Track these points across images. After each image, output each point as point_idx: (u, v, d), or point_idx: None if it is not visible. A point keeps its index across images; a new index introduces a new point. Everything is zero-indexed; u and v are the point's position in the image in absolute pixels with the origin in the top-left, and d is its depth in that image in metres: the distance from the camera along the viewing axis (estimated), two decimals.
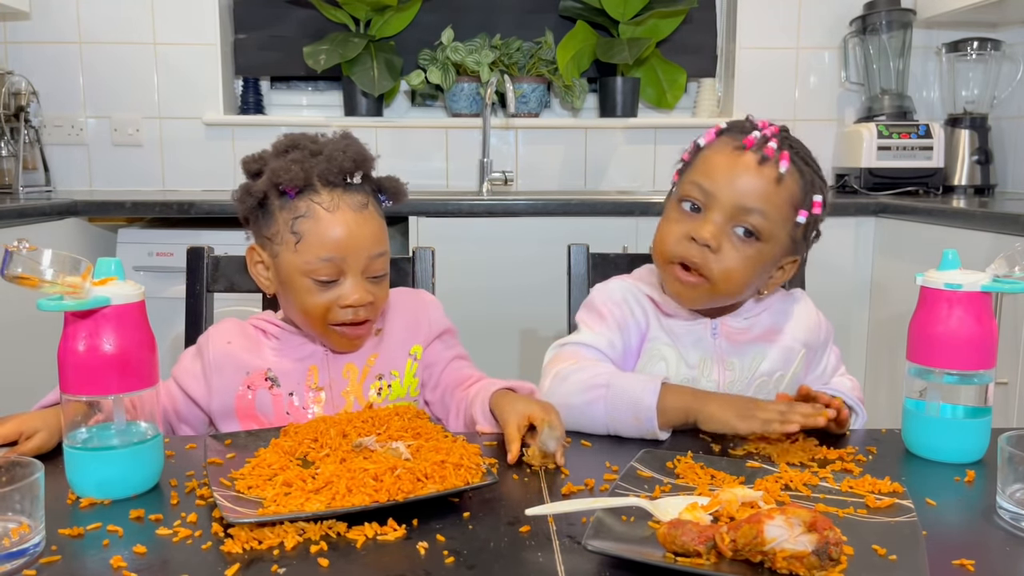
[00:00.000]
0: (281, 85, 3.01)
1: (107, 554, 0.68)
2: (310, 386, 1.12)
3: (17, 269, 0.74)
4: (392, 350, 1.16)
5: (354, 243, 1.05)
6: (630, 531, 0.70)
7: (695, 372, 1.10)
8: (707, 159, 1.07)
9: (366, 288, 1.07)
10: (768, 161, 1.03)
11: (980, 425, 0.92)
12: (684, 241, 1.05)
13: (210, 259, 1.34)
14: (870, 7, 2.78)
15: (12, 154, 2.54)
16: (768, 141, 1.04)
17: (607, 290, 1.17)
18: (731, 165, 1.04)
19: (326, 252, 1.05)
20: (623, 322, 1.12)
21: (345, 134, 1.12)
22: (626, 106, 2.84)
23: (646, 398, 0.98)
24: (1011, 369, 1.74)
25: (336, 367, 1.13)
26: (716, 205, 1.04)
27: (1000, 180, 2.76)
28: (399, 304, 1.20)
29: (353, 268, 1.06)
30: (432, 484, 0.77)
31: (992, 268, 0.91)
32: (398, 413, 0.96)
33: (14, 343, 1.97)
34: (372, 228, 1.07)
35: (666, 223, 1.10)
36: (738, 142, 1.05)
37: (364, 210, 1.07)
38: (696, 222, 1.05)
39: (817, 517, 0.64)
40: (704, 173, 1.06)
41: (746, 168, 1.04)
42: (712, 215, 1.04)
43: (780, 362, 1.13)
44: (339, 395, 1.12)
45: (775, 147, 1.03)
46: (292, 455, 0.86)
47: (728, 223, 1.04)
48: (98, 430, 0.81)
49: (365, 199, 1.08)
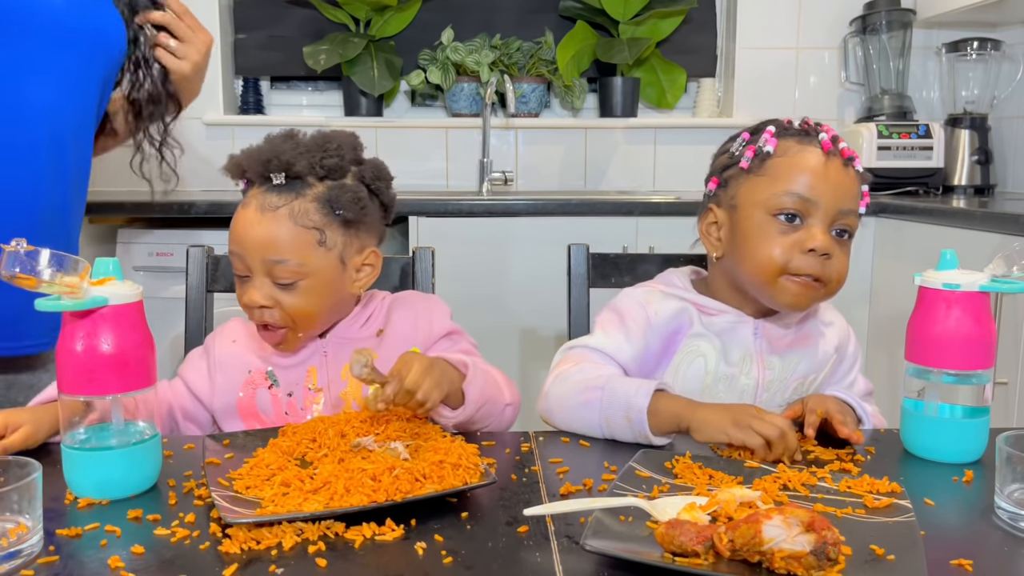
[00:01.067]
0: (281, 85, 3.00)
1: (105, 554, 0.68)
2: (309, 387, 1.11)
3: (15, 269, 0.74)
4: (392, 352, 1.12)
5: (248, 242, 1.04)
6: (628, 531, 0.70)
7: (735, 370, 1.09)
8: (794, 166, 1.04)
9: (264, 292, 1.04)
10: (852, 161, 1.05)
11: (978, 425, 0.92)
12: (796, 254, 1.02)
13: (210, 259, 1.34)
14: (870, 7, 2.78)
15: None
16: (838, 141, 1.06)
17: (631, 295, 1.14)
18: (825, 171, 1.03)
19: (231, 244, 1.06)
20: (645, 325, 1.10)
21: (322, 135, 1.08)
22: (626, 106, 2.84)
23: (638, 400, 0.96)
24: (1011, 369, 1.74)
25: (335, 368, 1.12)
26: (819, 212, 1.03)
27: (1000, 180, 2.76)
28: (405, 306, 1.18)
29: (253, 268, 1.04)
30: (430, 484, 0.77)
31: (990, 268, 0.91)
32: (396, 413, 0.96)
33: None
34: (271, 231, 1.02)
35: (766, 241, 1.04)
36: (812, 145, 1.05)
37: (271, 211, 1.03)
38: (801, 233, 1.03)
39: (815, 517, 0.64)
40: (799, 182, 1.03)
41: (837, 172, 1.04)
42: (817, 222, 1.03)
43: (815, 365, 1.13)
44: (337, 396, 1.11)
45: (847, 145, 1.05)
46: (290, 455, 0.86)
47: (831, 227, 1.04)
48: (96, 430, 0.81)
49: (283, 201, 1.03)
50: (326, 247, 1.05)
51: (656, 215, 2.30)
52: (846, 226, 1.04)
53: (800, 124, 1.08)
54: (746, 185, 1.07)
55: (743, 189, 1.07)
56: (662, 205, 2.36)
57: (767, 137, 1.06)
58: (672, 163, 2.88)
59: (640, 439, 0.97)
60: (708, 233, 1.12)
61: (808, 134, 1.06)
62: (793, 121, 1.09)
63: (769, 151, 1.06)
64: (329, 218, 1.05)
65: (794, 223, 1.03)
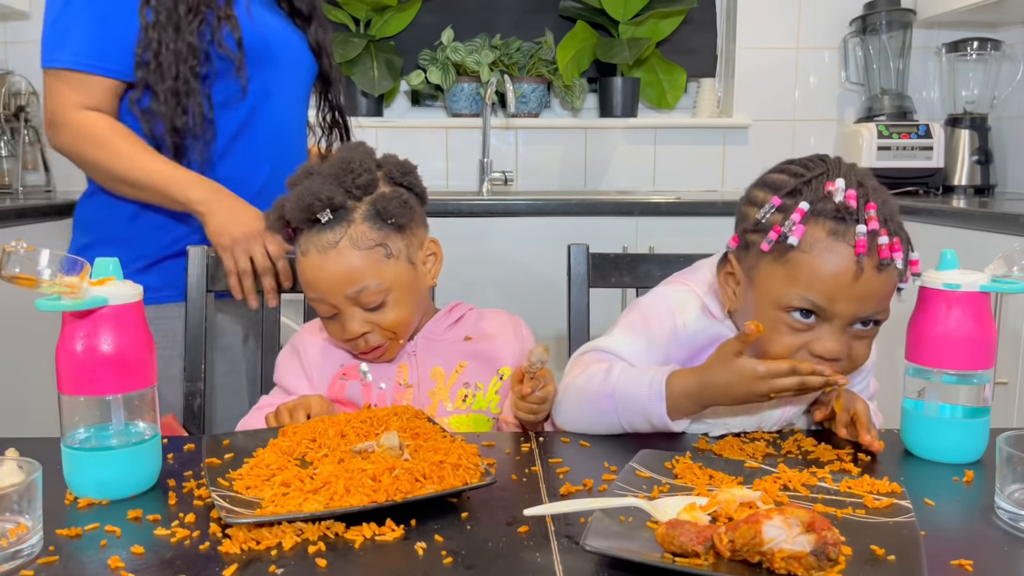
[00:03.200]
0: None
1: (105, 554, 0.68)
2: (400, 382, 1.15)
3: (15, 269, 0.74)
4: (482, 364, 1.17)
5: (324, 285, 1.07)
6: (628, 531, 0.70)
7: None
8: (815, 268, 0.90)
9: (360, 320, 1.08)
10: (888, 265, 0.90)
11: (979, 425, 0.92)
12: (806, 355, 0.93)
13: (210, 259, 1.34)
14: (870, 7, 2.78)
15: (12, 154, 2.55)
16: (878, 237, 0.89)
17: (666, 299, 1.06)
18: (849, 281, 0.90)
19: (308, 292, 1.10)
20: (671, 334, 1.04)
21: (338, 157, 1.10)
22: (626, 106, 2.84)
23: (654, 405, 0.95)
24: (1011, 369, 1.73)
25: (425, 368, 1.15)
26: (835, 317, 0.92)
27: (1000, 180, 2.76)
28: (498, 323, 1.22)
29: (339, 304, 1.08)
30: (430, 484, 0.77)
31: (991, 268, 0.91)
32: (396, 413, 0.96)
33: (13, 343, 1.97)
34: (340, 268, 1.05)
35: (776, 335, 0.94)
36: (844, 242, 0.90)
37: (332, 249, 1.05)
38: (811, 336, 0.93)
39: (815, 517, 0.64)
40: (813, 288, 0.91)
41: (867, 281, 0.90)
42: (832, 327, 0.92)
43: None
44: (426, 394, 1.14)
45: (887, 241, 0.90)
46: (290, 455, 0.86)
47: (847, 327, 0.93)
48: (96, 430, 0.81)
49: (338, 235, 1.06)
50: (394, 257, 1.09)
51: (656, 215, 2.30)
52: (873, 322, 0.94)
53: (844, 195, 0.91)
54: (765, 267, 0.94)
55: (761, 270, 0.95)
56: (662, 205, 2.36)
57: (795, 221, 0.91)
58: (672, 163, 2.89)
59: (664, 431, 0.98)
60: (725, 283, 1.02)
61: (845, 221, 0.90)
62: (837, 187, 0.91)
63: (794, 243, 0.91)
64: (384, 230, 1.08)
65: (808, 320, 0.93)
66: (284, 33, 1.49)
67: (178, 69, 1.31)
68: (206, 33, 1.33)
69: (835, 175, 0.93)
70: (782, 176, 0.98)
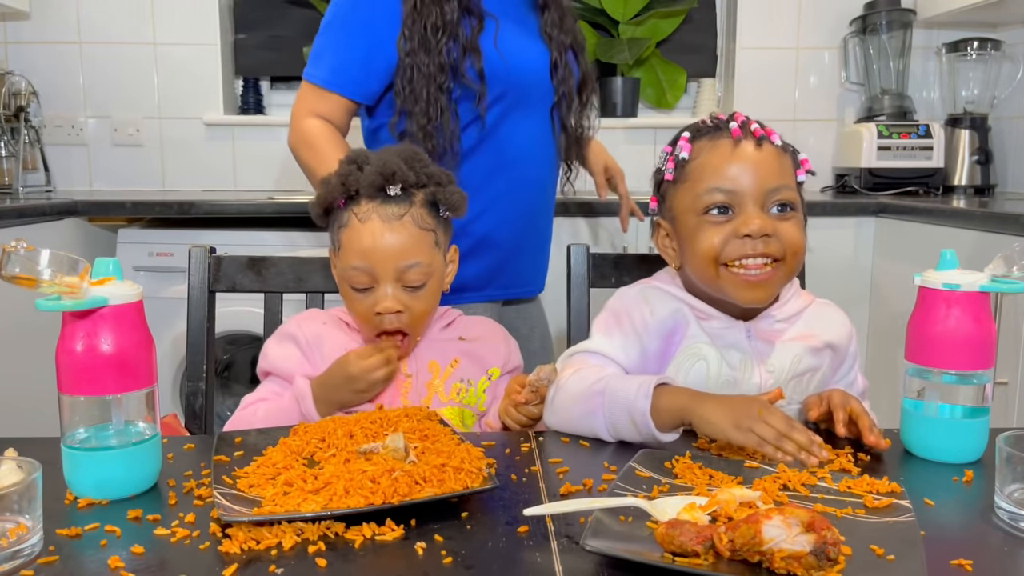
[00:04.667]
0: (281, 85, 3.00)
1: (105, 554, 0.68)
2: (401, 373, 1.16)
3: (15, 269, 0.74)
4: (473, 363, 1.21)
5: (380, 252, 1.09)
6: (628, 531, 0.70)
7: (737, 374, 1.08)
8: (707, 164, 1.05)
9: (396, 297, 1.11)
10: (765, 140, 1.05)
11: (978, 425, 0.92)
12: (736, 241, 1.03)
13: (211, 259, 1.34)
14: (870, 7, 2.78)
15: (12, 154, 2.55)
16: (749, 124, 1.06)
17: (627, 295, 1.14)
18: (739, 158, 1.04)
19: (355, 260, 1.11)
20: (641, 325, 1.09)
21: (405, 147, 1.15)
22: (626, 106, 2.83)
23: (639, 403, 0.95)
24: (1011, 369, 1.73)
25: (422, 360, 1.19)
26: (746, 200, 1.03)
27: (1000, 180, 2.76)
28: (486, 328, 1.27)
29: (384, 276, 1.10)
30: (429, 488, 0.77)
31: (990, 268, 0.91)
32: (408, 414, 0.96)
33: (12, 343, 1.97)
34: (402, 238, 1.10)
35: (701, 235, 1.05)
36: (723, 138, 1.06)
37: (396, 220, 1.10)
38: (736, 221, 1.03)
39: (815, 517, 0.64)
40: (716, 177, 1.04)
41: (751, 154, 1.04)
42: (748, 209, 1.03)
43: (814, 361, 1.11)
44: (423, 385, 1.17)
45: (758, 126, 1.05)
46: (299, 455, 0.86)
47: (765, 208, 1.04)
48: (96, 430, 0.81)
49: (403, 210, 1.11)
50: (439, 248, 1.15)
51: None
52: (783, 200, 1.04)
53: (712, 120, 1.09)
54: (677, 195, 1.09)
55: (675, 199, 1.09)
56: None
57: (682, 144, 1.08)
58: None
59: (649, 440, 0.96)
60: (664, 247, 1.13)
61: (718, 128, 1.07)
62: (707, 120, 1.10)
63: (685, 157, 1.07)
64: (437, 219, 1.15)
65: (727, 215, 1.04)
66: (533, 63, 1.52)
67: (429, 91, 1.42)
68: (453, 54, 1.43)
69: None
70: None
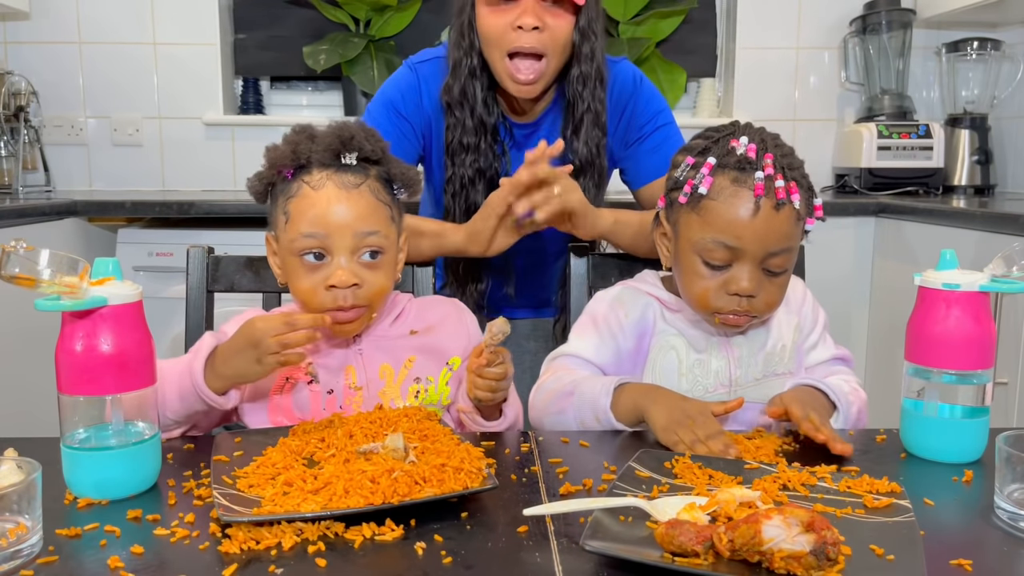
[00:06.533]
0: (281, 85, 3.01)
1: (104, 554, 0.68)
2: (348, 384, 1.10)
3: (14, 269, 0.74)
4: (430, 356, 1.15)
5: (337, 219, 1.03)
6: (628, 531, 0.70)
7: (704, 355, 1.13)
8: (721, 214, 1.03)
9: (352, 270, 1.03)
10: (784, 204, 1.02)
11: (978, 425, 0.92)
12: (724, 295, 1.05)
13: (210, 259, 1.34)
14: (870, 7, 2.78)
15: (12, 154, 2.55)
16: (774, 181, 1.02)
17: (601, 298, 1.19)
18: (751, 219, 1.01)
19: (308, 227, 1.03)
20: (616, 327, 1.15)
21: (356, 121, 1.11)
22: None
23: (601, 400, 1.03)
24: (1011, 369, 1.73)
25: (372, 367, 1.11)
26: (745, 257, 1.03)
27: (1000, 180, 2.76)
28: (440, 312, 1.19)
29: (339, 247, 1.03)
30: (429, 488, 0.76)
31: (990, 268, 0.91)
32: (407, 414, 0.96)
33: (12, 343, 1.97)
34: (360, 206, 1.04)
35: (696, 278, 1.07)
36: (746, 188, 1.02)
37: (354, 188, 1.05)
38: (727, 276, 1.05)
39: (815, 517, 0.64)
40: (722, 230, 1.03)
41: (766, 219, 1.02)
42: (743, 266, 1.04)
43: (780, 334, 1.16)
44: (375, 395, 1.10)
45: (783, 184, 1.02)
46: (298, 455, 0.86)
47: (759, 266, 1.04)
48: (96, 430, 0.81)
49: (359, 180, 1.05)
50: (394, 223, 1.09)
51: None
52: (778, 265, 1.05)
53: (745, 149, 1.04)
54: (684, 219, 1.08)
55: (682, 221, 1.08)
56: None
57: (704, 175, 1.04)
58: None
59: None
60: (660, 243, 1.15)
61: (745, 170, 1.03)
62: (740, 143, 1.04)
63: (703, 193, 1.04)
64: (391, 196, 1.10)
65: (721, 267, 1.05)
66: None
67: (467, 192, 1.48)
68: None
69: (740, 134, 1.06)
70: (698, 140, 1.11)
